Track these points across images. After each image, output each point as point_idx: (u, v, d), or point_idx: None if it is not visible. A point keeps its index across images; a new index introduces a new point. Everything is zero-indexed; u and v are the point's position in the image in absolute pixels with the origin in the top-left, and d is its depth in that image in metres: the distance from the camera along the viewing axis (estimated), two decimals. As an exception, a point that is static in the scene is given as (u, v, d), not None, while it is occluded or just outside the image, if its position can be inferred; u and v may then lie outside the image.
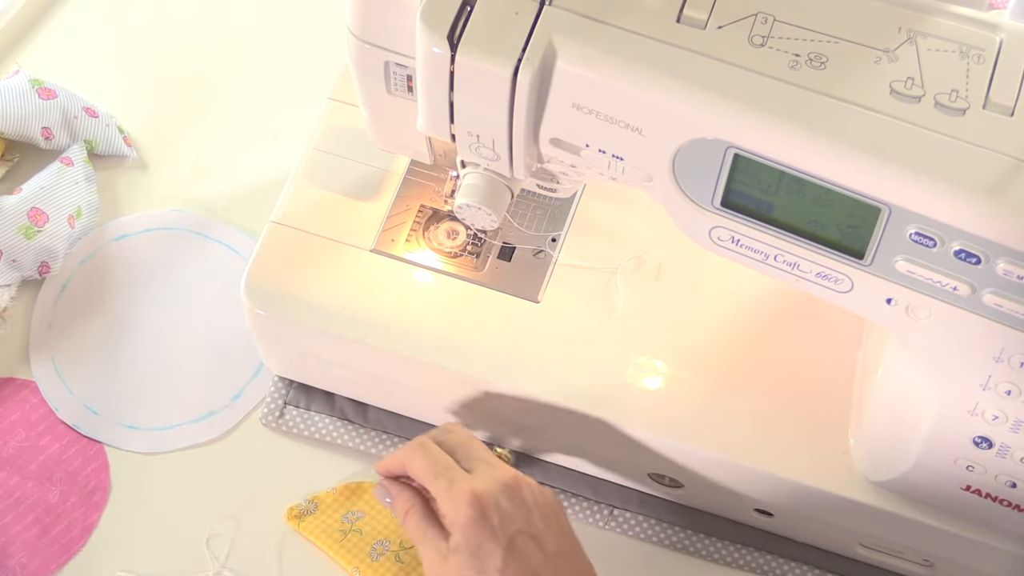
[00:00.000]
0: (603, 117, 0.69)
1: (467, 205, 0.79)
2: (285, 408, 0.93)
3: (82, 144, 1.02)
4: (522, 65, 0.68)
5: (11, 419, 0.93)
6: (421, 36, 0.69)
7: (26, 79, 1.02)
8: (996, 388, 0.70)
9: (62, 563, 0.88)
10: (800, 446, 0.82)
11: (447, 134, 0.75)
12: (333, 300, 0.87)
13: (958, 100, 0.65)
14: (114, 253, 1.00)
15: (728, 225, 0.71)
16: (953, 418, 0.73)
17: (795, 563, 0.89)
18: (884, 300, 0.70)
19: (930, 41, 0.67)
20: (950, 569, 0.85)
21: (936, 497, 0.79)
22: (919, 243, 0.65)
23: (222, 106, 1.07)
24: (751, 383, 0.85)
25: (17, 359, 0.96)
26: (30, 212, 0.96)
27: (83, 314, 0.97)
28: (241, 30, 1.11)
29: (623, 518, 0.91)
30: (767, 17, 0.68)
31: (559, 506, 0.78)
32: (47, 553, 0.88)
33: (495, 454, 0.84)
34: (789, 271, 0.72)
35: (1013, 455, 0.73)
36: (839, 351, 0.85)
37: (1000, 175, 0.63)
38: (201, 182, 1.04)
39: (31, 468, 0.91)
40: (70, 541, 0.89)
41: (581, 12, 0.68)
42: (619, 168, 0.72)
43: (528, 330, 0.86)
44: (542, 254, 0.89)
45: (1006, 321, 0.66)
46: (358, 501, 0.90)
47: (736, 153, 0.67)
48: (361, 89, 0.78)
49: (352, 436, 0.92)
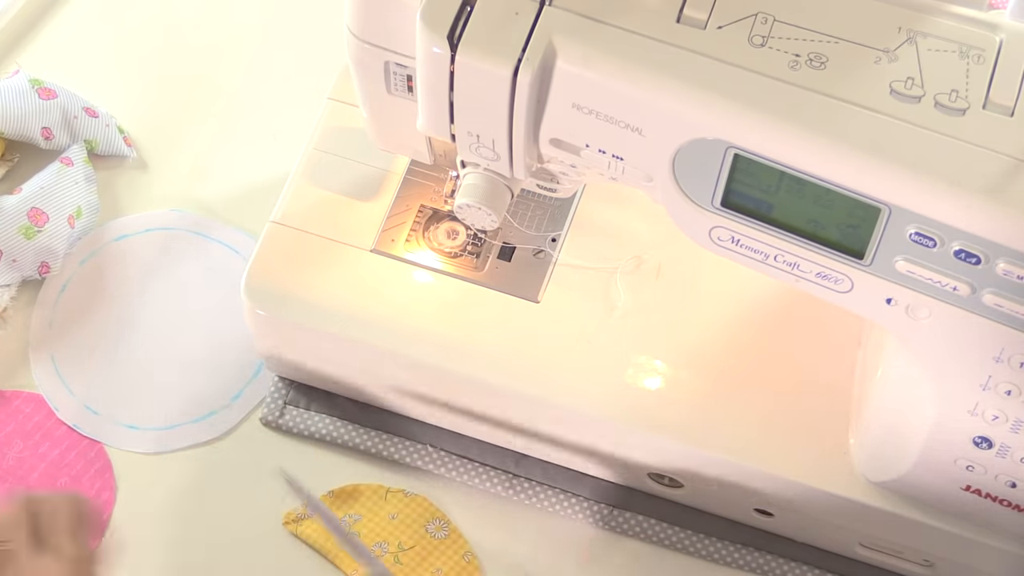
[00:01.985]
0: (603, 117, 0.69)
1: (467, 205, 0.79)
2: (285, 408, 0.93)
3: (82, 144, 1.02)
4: (522, 65, 0.68)
5: (6, 431, 0.93)
6: (421, 36, 0.69)
7: (26, 79, 1.01)
8: (996, 388, 0.70)
9: None
10: (800, 446, 0.82)
11: (447, 134, 0.75)
12: (333, 300, 0.87)
13: (958, 100, 0.65)
14: (114, 253, 1.00)
15: (728, 225, 0.71)
16: (953, 418, 0.73)
17: (795, 563, 0.89)
18: (884, 300, 0.70)
19: (930, 41, 0.67)
20: (950, 569, 0.85)
21: (936, 497, 0.79)
22: (919, 243, 0.65)
23: (222, 106, 1.07)
24: (751, 383, 0.85)
25: (17, 359, 0.96)
26: (30, 212, 0.96)
27: (83, 314, 0.97)
28: (241, 30, 1.11)
29: (623, 518, 0.91)
30: (767, 17, 0.68)
31: None
32: None
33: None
34: (789, 271, 0.72)
35: (1013, 455, 0.73)
36: (839, 351, 0.85)
37: (1000, 175, 0.63)
38: (201, 182, 1.04)
39: (33, 477, 0.91)
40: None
41: (581, 12, 0.68)
42: (619, 168, 0.72)
43: (528, 330, 0.86)
44: (542, 254, 0.89)
45: (1006, 321, 0.66)
46: (355, 504, 0.90)
47: (736, 153, 0.67)
48: (361, 89, 0.78)
49: (352, 436, 0.92)
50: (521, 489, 0.91)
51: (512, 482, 0.91)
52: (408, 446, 0.92)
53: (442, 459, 0.92)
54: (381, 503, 0.90)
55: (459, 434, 0.92)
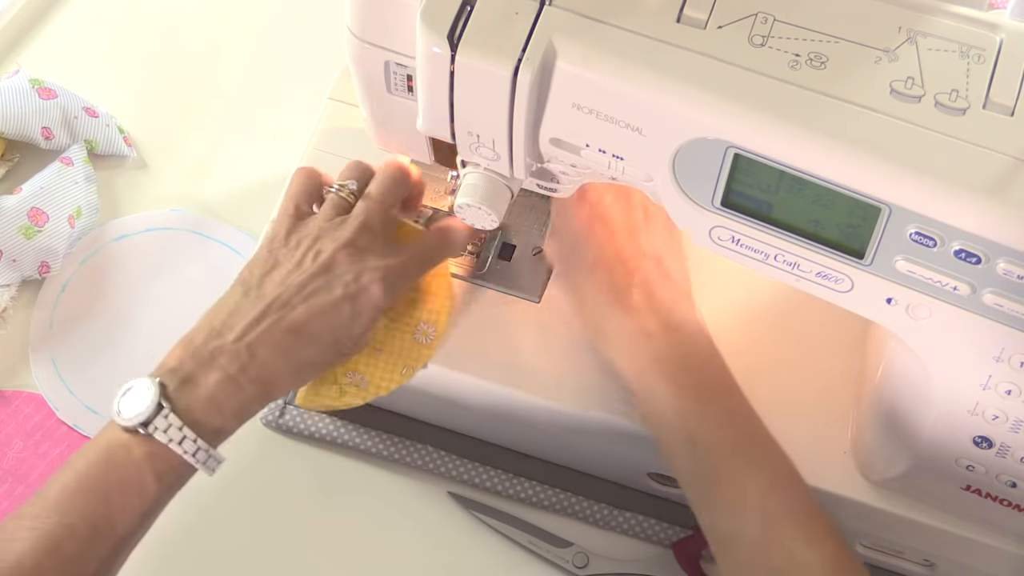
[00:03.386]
0: (603, 117, 0.69)
1: (467, 205, 0.79)
2: (285, 408, 0.93)
3: (82, 144, 1.02)
4: (522, 65, 0.68)
5: (6, 431, 0.93)
6: (421, 36, 0.69)
7: (26, 79, 1.02)
8: (996, 388, 0.70)
9: None
10: (800, 446, 0.82)
11: (447, 134, 0.75)
12: (333, 300, 0.86)
13: (958, 100, 0.65)
14: (114, 253, 1.00)
15: (728, 225, 0.71)
16: (953, 418, 0.73)
17: (795, 563, 0.89)
18: (884, 300, 0.69)
19: (930, 41, 0.67)
20: (950, 569, 0.85)
21: (936, 497, 0.79)
22: (919, 243, 0.65)
23: (222, 106, 1.07)
24: (751, 383, 0.84)
25: (17, 359, 0.96)
26: (30, 212, 0.96)
27: (83, 314, 0.97)
28: (241, 30, 1.11)
29: (623, 518, 0.91)
30: (767, 17, 0.68)
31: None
32: None
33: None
34: (789, 271, 0.72)
35: (1013, 455, 0.73)
36: (839, 351, 0.85)
37: (1000, 175, 0.63)
38: (201, 182, 1.04)
39: (33, 477, 0.91)
40: None
41: (581, 12, 0.68)
42: (619, 168, 0.72)
43: (528, 330, 0.86)
44: (542, 254, 0.89)
45: (1006, 321, 0.66)
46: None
47: (736, 153, 0.67)
48: (361, 89, 0.78)
49: (352, 436, 0.92)
50: (522, 489, 0.91)
51: (513, 482, 0.91)
52: (409, 446, 0.92)
53: (442, 459, 0.92)
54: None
55: (459, 434, 0.92)
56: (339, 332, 0.77)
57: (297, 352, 0.76)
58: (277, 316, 0.76)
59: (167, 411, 0.72)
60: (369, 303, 0.77)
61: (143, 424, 0.72)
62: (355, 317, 0.77)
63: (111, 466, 0.72)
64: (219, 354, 0.75)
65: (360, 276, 0.77)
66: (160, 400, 0.73)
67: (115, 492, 0.72)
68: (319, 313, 0.76)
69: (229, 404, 0.74)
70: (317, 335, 0.76)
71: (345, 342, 0.78)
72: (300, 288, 0.76)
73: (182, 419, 0.73)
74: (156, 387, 0.73)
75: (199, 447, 0.73)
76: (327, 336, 0.76)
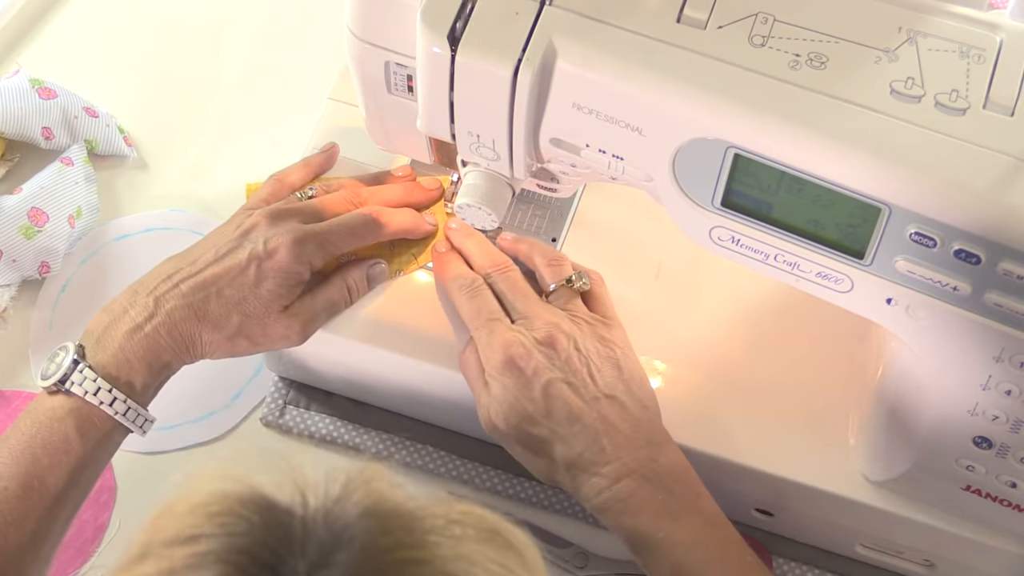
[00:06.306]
0: (603, 117, 0.69)
1: (467, 205, 0.79)
2: (285, 408, 0.93)
3: (82, 144, 1.02)
4: (522, 65, 0.68)
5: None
6: (421, 36, 0.69)
7: (26, 79, 1.02)
8: (996, 388, 0.70)
9: (79, 565, 0.87)
10: (800, 446, 0.82)
11: (447, 134, 0.75)
12: (333, 300, 0.86)
13: (958, 100, 0.65)
14: (114, 253, 1.00)
15: (728, 225, 0.71)
16: (953, 418, 0.73)
17: (795, 563, 0.89)
18: (884, 300, 0.69)
19: (930, 41, 0.67)
20: (950, 569, 0.85)
21: (936, 497, 0.79)
22: (919, 243, 0.65)
23: (222, 106, 1.07)
24: (751, 383, 0.85)
25: (17, 359, 0.96)
26: (30, 212, 0.96)
27: (83, 314, 0.97)
28: (241, 30, 1.11)
29: (623, 518, 0.91)
30: (767, 17, 0.68)
31: (621, 353, 0.80)
32: (62, 558, 0.87)
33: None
34: (789, 271, 0.72)
35: (1013, 455, 0.73)
36: (839, 351, 0.85)
37: (1000, 175, 0.63)
38: (201, 182, 1.04)
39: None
40: (84, 543, 0.88)
41: (581, 12, 0.68)
42: (619, 168, 0.72)
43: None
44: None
45: (1006, 321, 0.66)
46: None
47: (736, 153, 0.67)
48: (361, 89, 0.78)
49: (352, 436, 0.92)
50: (521, 489, 0.91)
51: (512, 482, 0.91)
52: (409, 446, 0.92)
53: (442, 459, 0.92)
54: None
55: (459, 434, 0.92)
56: (244, 291, 0.79)
57: (202, 305, 0.79)
58: (187, 272, 0.79)
59: (83, 366, 0.76)
60: (275, 265, 0.80)
61: (60, 382, 0.76)
62: (261, 278, 0.79)
63: (37, 427, 0.76)
64: (131, 307, 0.78)
65: (271, 240, 0.80)
66: (75, 356, 0.76)
67: (42, 452, 0.75)
68: (224, 272, 0.79)
69: (136, 351, 0.77)
70: (220, 291, 0.79)
71: (251, 300, 0.80)
72: (216, 250, 0.80)
73: (96, 372, 0.76)
74: (74, 347, 0.77)
75: (115, 397, 0.76)
76: (231, 293, 0.79)
